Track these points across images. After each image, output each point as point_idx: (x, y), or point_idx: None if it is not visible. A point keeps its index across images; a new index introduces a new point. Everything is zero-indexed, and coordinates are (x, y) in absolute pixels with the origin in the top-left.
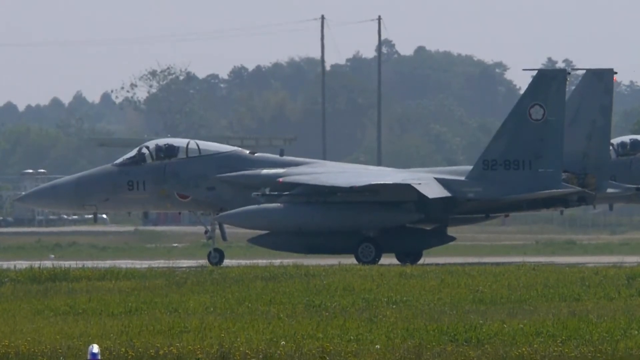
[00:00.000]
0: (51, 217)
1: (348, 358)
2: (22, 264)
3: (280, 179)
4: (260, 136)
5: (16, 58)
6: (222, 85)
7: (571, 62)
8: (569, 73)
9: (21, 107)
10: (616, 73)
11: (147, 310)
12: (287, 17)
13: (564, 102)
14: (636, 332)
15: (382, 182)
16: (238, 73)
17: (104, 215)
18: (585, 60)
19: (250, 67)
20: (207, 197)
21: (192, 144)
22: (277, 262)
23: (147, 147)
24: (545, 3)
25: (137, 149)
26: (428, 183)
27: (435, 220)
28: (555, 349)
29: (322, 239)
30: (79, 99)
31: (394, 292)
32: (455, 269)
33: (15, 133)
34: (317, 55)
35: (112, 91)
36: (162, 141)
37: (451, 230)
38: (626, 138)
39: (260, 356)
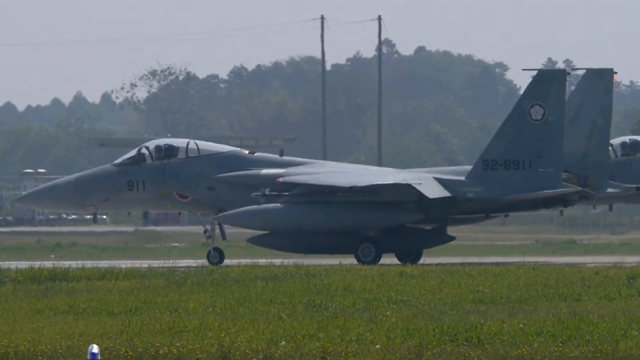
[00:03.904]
0: (51, 217)
1: (348, 358)
2: (22, 264)
3: (280, 179)
4: (260, 136)
5: (16, 58)
6: (222, 85)
7: (571, 62)
8: (569, 73)
9: (21, 107)
10: (616, 73)
11: (147, 310)
12: (287, 17)
13: (564, 102)
14: (636, 332)
15: (382, 182)
16: (238, 73)
17: (104, 216)
18: (585, 60)
19: (250, 67)
20: (207, 197)
21: (192, 144)
22: (277, 262)
23: (147, 147)
24: (545, 3)
25: (137, 149)
26: (428, 183)
27: (435, 220)
28: (556, 349)
29: (322, 239)
30: (79, 99)
31: (394, 292)
32: (455, 269)
33: (15, 133)
34: (317, 55)
35: (112, 91)
36: (162, 141)
37: (451, 230)
38: (626, 138)
39: (260, 356)
